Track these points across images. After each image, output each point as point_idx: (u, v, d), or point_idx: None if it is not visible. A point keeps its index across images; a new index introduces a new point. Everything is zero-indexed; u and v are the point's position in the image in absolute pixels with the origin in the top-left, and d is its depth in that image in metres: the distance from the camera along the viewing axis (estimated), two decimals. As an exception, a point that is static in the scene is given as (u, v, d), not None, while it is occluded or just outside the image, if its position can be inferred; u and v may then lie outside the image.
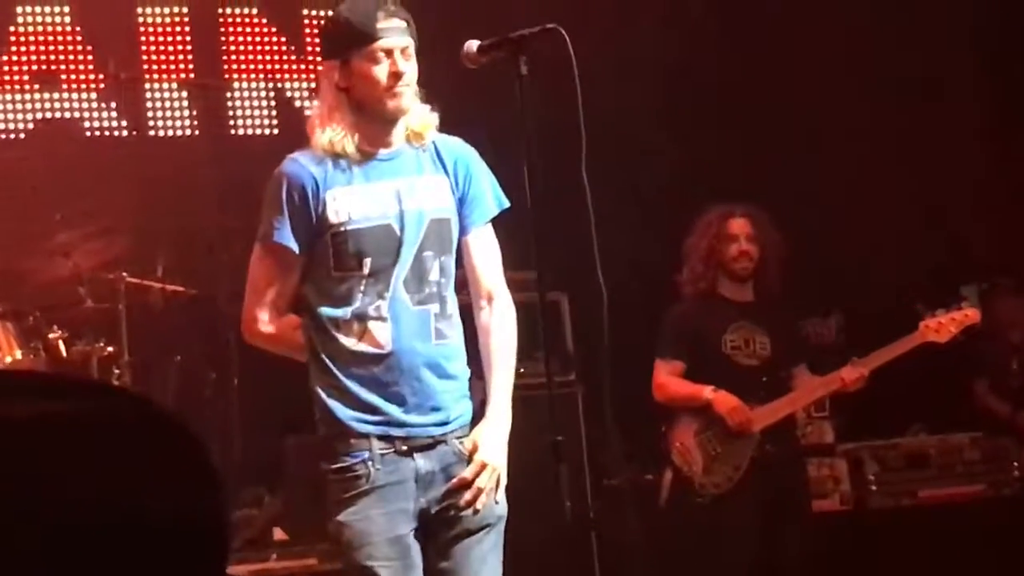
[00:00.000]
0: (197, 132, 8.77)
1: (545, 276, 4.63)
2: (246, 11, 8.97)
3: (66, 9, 8.62)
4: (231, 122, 8.93)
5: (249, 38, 8.90)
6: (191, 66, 8.82)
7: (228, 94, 8.86)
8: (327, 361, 4.41)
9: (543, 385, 4.70)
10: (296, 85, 8.99)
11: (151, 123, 8.77)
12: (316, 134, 4.42)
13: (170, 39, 8.76)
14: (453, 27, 4.70)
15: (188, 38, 8.80)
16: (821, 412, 8.11)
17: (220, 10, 8.90)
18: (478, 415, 4.57)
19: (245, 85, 8.91)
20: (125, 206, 8.00)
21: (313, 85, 8.57)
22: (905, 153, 9.18)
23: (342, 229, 4.38)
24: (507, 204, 4.57)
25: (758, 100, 9.13)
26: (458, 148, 4.57)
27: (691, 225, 7.11)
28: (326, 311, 4.41)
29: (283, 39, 8.99)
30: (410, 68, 4.39)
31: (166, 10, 8.78)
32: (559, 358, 7.53)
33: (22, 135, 8.58)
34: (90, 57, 8.64)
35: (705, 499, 6.81)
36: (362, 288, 4.38)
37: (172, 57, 8.77)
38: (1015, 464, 8.04)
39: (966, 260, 8.80)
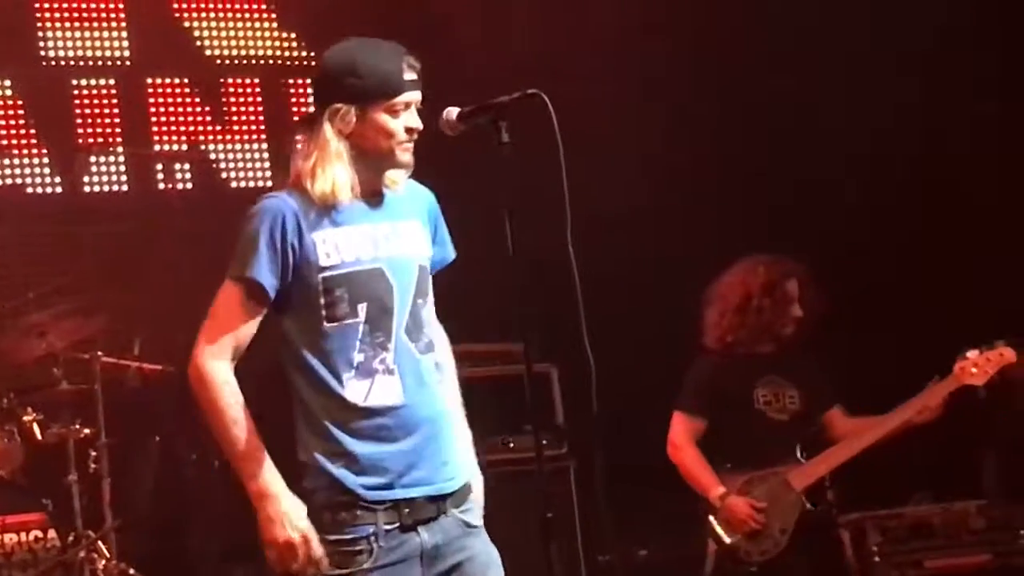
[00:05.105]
0: (126, 189, 8.82)
1: (532, 348, 4.46)
2: (169, 80, 9.09)
3: (7, 83, 8.69)
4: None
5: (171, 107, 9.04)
6: (117, 129, 8.87)
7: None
8: (327, 424, 4.22)
9: (533, 460, 4.53)
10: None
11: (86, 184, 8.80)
12: (315, 178, 4.24)
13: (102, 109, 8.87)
14: (431, 94, 4.52)
15: (116, 110, 8.87)
16: (820, 481, 7.96)
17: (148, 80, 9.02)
18: None
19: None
20: (98, 283, 7.88)
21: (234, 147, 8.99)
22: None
23: (335, 273, 4.22)
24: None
25: (750, 159, 9.01)
26: (427, 193, 4.48)
27: (722, 271, 6.96)
28: (324, 366, 4.22)
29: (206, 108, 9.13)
30: (421, 122, 4.33)
31: (101, 81, 8.89)
32: (550, 431, 7.44)
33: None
34: (32, 131, 8.68)
35: (754, 567, 6.68)
36: (359, 337, 4.21)
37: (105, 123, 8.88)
38: (1022, 532, 7.84)
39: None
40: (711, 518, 6.77)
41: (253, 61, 9.17)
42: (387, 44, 4.34)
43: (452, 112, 4.42)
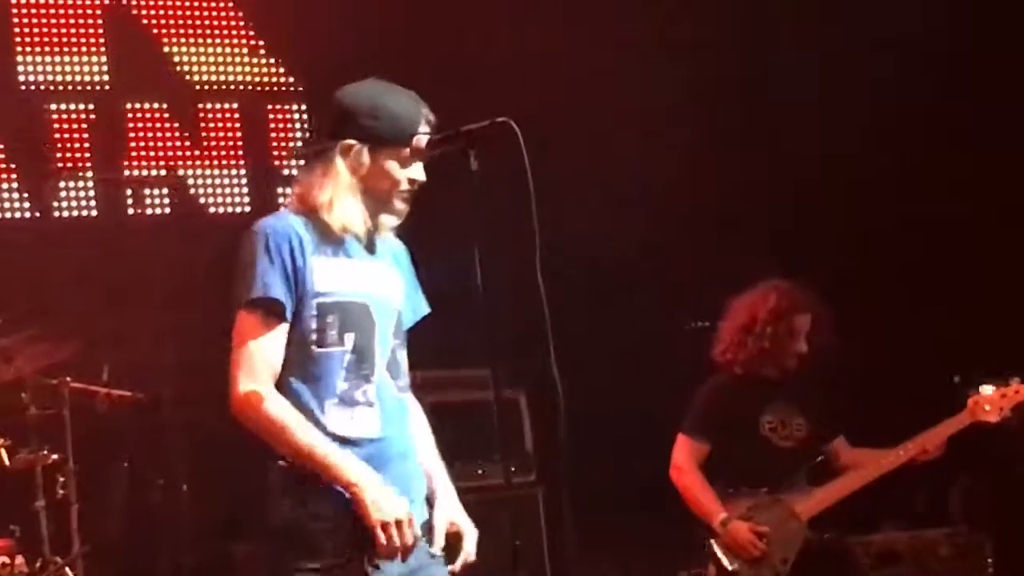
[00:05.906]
0: (95, 214, 8.78)
1: (501, 374, 4.47)
2: (147, 105, 9.04)
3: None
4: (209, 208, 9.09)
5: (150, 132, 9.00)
6: (89, 154, 8.84)
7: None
8: None
9: (502, 487, 4.71)
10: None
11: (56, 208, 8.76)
12: (332, 210, 4.31)
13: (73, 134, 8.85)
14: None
15: (85, 135, 8.85)
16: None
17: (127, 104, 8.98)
18: None
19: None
20: (70, 308, 7.86)
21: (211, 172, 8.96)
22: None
23: (328, 300, 4.27)
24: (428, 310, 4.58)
25: (744, 185, 9.02)
26: (402, 246, 4.57)
27: (741, 295, 6.92)
28: (308, 391, 4.26)
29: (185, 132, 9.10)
30: (425, 176, 4.40)
31: (77, 106, 8.86)
32: (518, 458, 7.42)
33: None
34: (2, 156, 8.67)
35: None
36: (345, 365, 4.26)
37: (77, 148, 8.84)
38: (989, 560, 7.86)
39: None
40: (713, 543, 6.75)
41: (233, 86, 9.17)
42: (407, 92, 4.43)
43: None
